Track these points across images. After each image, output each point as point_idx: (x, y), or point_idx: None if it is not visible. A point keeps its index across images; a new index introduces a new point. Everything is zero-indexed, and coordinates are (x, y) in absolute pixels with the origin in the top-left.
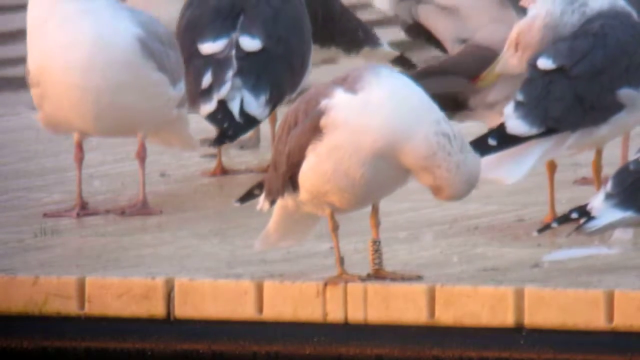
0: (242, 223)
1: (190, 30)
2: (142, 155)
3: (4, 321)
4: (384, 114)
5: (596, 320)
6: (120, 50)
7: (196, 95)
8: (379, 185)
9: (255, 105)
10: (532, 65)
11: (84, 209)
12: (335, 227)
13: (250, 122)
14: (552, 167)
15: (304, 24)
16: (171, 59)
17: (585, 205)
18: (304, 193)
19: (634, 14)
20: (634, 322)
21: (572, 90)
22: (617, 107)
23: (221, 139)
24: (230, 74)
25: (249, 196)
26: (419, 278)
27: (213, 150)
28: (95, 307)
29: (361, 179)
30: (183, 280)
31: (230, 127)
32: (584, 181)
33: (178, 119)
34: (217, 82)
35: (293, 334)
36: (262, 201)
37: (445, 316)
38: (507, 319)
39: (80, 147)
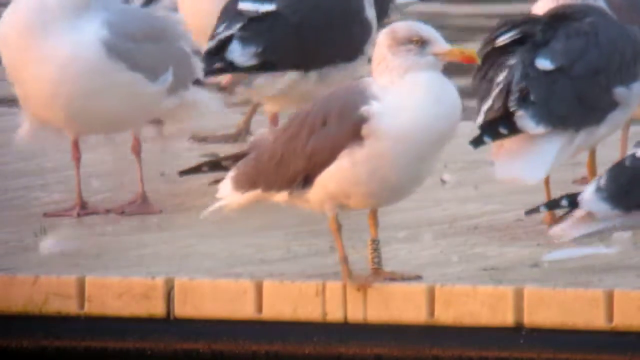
0: (242, 223)
1: None
2: (137, 150)
3: (4, 321)
4: (428, 116)
5: (596, 319)
6: (84, 59)
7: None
8: (409, 186)
9: (239, 54)
10: (531, 65)
11: (83, 208)
12: (339, 227)
13: (228, 66)
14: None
15: (339, 6)
16: (148, 53)
17: (577, 195)
18: (319, 192)
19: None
20: (633, 322)
21: (573, 90)
22: (613, 105)
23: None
24: (238, 25)
25: (194, 171)
26: (418, 278)
27: (213, 149)
28: (95, 306)
29: (397, 183)
30: (183, 280)
31: (206, 61)
32: (583, 181)
33: (184, 105)
34: (227, 28)
35: (293, 334)
36: (230, 190)
37: (445, 316)
38: (507, 318)
39: (76, 146)
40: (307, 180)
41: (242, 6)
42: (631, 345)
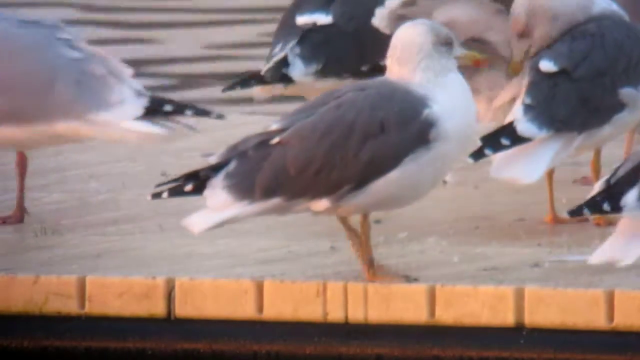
0: (242, 223)
1: (294, 4)
2: (20, 164)
3: (4, 321)
4: (472, 114)
5: (596, 319)
6: None
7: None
8: None
9: (301, 72)
10: (535, 68)
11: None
12: (370, 228)
13: (284, 80)
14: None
15: None
16: None
17: (619, 198)
18: (372, 197)
19: (625, 15)
20: (634, 322)
21: (576, 92)
22: (619, 106)
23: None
24: (294, 42)
25: (176, 192)
26: (402, 279)
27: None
28: (96, 306)
29: (440, 182)
30: (183, 280)
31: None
32: (584, 181)
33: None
34: (282, 49)
35: (293, 334)
36: (229, 200)
37: (446, 316)
38: (508, 318)
39: (20, 155)
40: (357, 186)
41: (300, 20)
42: (631, 346)
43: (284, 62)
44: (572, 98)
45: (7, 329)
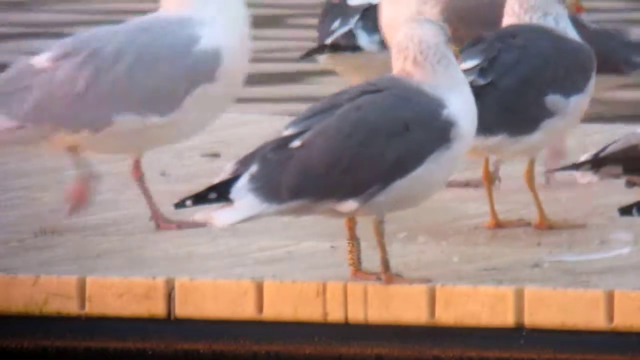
0: (242, 223)
1: None
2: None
3: (4, 321)
4: (475, 110)
5: (596, 320)
6: None
7: (324, 36)
8: None
9: (367, 40)
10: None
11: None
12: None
13: (352, 47)
14: (488, 178)
15: None
16: None
17: None
18: (393, 197)
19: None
20: (634, 322)
21: (500, 102)
22: (547, 114)
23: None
24: (355, 19)
25: (200, 200)
26: (398, 277)
27: (217, 148)
28: (96, 306)
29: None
30: (184, 280)
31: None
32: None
33: None
34: (344, 24)
35: (293, 334)
36: (257, 202)
37: (446, 316)
38: (507, 318)
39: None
40: (383, 186)
41: (353, 1)
42: (632, 346)
43: (351, 34)
44: (496, 107)
45: (7, 329)
